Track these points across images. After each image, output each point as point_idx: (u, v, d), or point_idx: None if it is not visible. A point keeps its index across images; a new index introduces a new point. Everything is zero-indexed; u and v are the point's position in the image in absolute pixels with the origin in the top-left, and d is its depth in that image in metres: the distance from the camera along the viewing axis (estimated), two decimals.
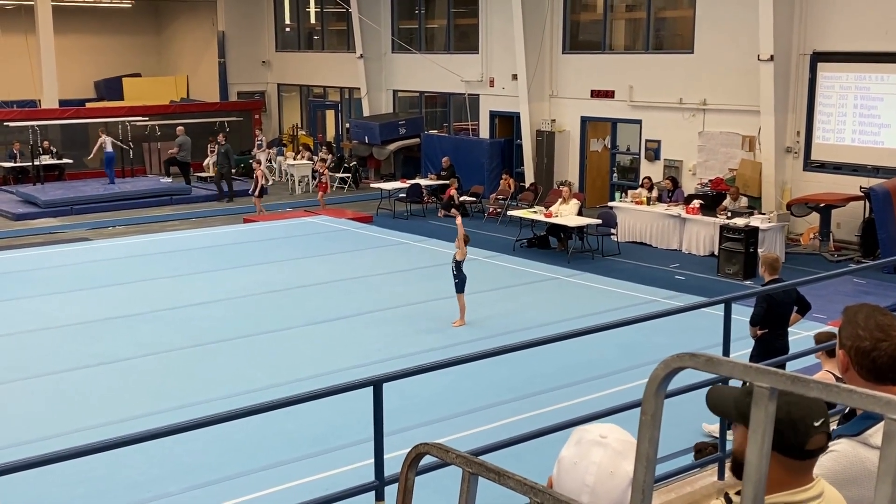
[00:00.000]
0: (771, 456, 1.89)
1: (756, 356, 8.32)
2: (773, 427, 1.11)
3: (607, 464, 1.74)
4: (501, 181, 21.47)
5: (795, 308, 8.59)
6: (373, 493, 4.42)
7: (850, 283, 14.01)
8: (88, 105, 29.29)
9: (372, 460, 4.49)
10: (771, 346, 8.22)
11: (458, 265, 12.33)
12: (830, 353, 6.52)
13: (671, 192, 18.52)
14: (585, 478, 1.74)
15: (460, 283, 12.36)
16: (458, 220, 12.93)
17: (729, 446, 5.87)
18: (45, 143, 25.37)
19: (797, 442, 1.94)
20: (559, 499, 1.35)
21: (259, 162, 22.42)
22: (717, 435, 6.65)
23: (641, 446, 1.21)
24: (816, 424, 1.96)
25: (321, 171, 22.79)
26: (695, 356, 1.18)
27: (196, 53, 33.19)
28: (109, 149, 24.27)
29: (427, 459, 2.94)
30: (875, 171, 16.63)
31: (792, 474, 1.96)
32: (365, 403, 4.40)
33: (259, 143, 27.10)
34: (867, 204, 15.89)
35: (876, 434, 2.26)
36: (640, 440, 1.22)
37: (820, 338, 7.21)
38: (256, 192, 21.14)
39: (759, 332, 8.40)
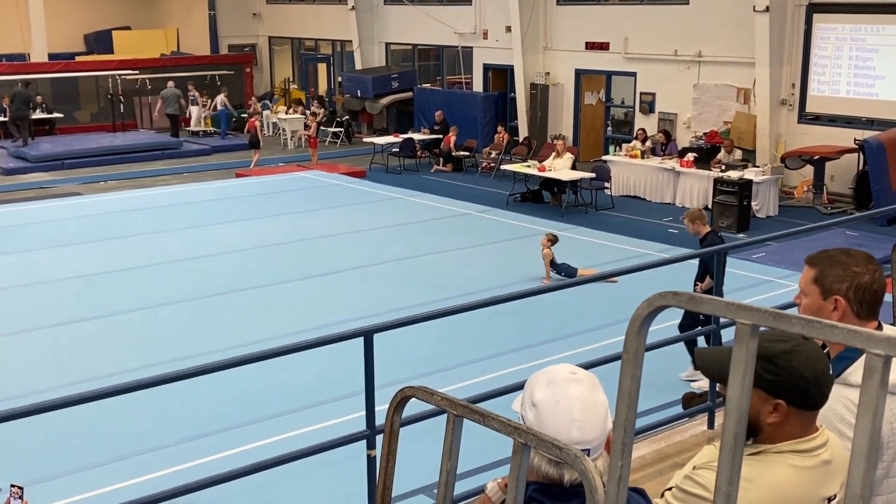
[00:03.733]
0: (790, 412, 1.91)
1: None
2: (754, 363, 1.11)
3: (587, 396, 1.80)
4: (496, 135, 21.37)
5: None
6: (364, 441, 4.46)
7: (843, 236, 14.03)
8: (78, 59, 28.96)
9: (364, 411, 4.52)
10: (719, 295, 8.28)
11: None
12: None
13: (664, 145, 18.47)
14: (573, 413, 1.77)
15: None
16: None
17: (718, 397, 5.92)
18: (38, 98, 25.15)
19: (822, 395, 1.95)
20: (542, 438, 1.36)
21: (258, 114, 22.46)
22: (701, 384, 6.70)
23: (624, 384, 1.21)
24: (832, 373, 1.97)
25: (310, 125, 22.66)
26: (677, 294, 1.17)
27: (186, 6, 32.76)
28: (220, 107, 25.70)
29: (417, 409, 2.93)
30: (869, 123, 16.59)
31: (805, 425, 1.98)
32: (358, 356, 4.42)
33: (192, 98, 26.14)
34: (861, 156, 15.87)
35: (855, 371, 2.26)
36: (622, 378, 1.21)
37: None
38: (255, 138, 21.39)
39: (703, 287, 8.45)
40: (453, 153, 21.28)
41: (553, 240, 12.29)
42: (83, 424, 7.82)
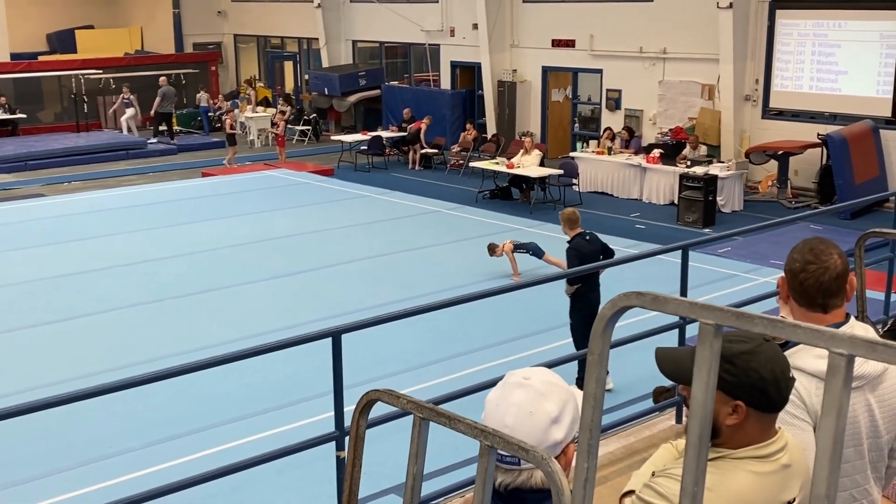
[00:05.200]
0: (749, 414, 1.91)
1: (576, 311, 8.46)
2: (718, 363, 1.10)
3: (527, 405, 1.77)
4: (465, 132, 21.34)
5: (601, 257, 8.72)
6: (333, 443, 4.43)
7: (807, 230, 14.16)
8: (41, 58, 28.57)
9: (332, 412, 4.49)
10: (587, 298, 8.34)
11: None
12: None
13: (627, 141, 18.60)
14: (505, 419, 1.77)
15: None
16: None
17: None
18: (2, 99, 24.76)
19: (781, 397, 1.95)
20: (509, 441, 1.35)
21: (230, 112, 22.37)
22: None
23: (589, 386, 1.20)
24: (791, 375, 1.97)
25: (277, 123, 22.54)
26: (641, 295, 1.17)
27: (150, 4, 32.44)
28: (203, 104, 26.30)
29: (386, 408, 2.93)
30: (832, 117, 16.78)
31: (765, 429, 1.98)
32: (328, 356, 4.39)
33: (127, 101, 25.19)
34: (824, 151, 16.04)
35: (795, 354, 2.26)
36: (587, 380, 1.21)
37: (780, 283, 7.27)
38: (228, 131, 21.39)
39: (573, 289, 8.48)
40: (423, 148, 21.17)
41: (492, 248, 12.39)
42: (48, 429, 7.71)
